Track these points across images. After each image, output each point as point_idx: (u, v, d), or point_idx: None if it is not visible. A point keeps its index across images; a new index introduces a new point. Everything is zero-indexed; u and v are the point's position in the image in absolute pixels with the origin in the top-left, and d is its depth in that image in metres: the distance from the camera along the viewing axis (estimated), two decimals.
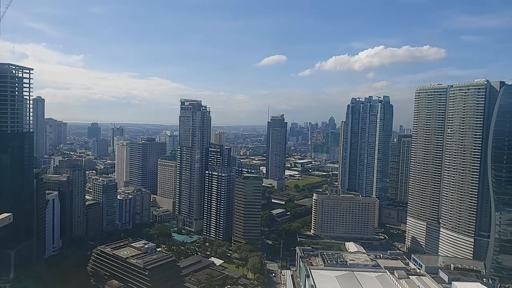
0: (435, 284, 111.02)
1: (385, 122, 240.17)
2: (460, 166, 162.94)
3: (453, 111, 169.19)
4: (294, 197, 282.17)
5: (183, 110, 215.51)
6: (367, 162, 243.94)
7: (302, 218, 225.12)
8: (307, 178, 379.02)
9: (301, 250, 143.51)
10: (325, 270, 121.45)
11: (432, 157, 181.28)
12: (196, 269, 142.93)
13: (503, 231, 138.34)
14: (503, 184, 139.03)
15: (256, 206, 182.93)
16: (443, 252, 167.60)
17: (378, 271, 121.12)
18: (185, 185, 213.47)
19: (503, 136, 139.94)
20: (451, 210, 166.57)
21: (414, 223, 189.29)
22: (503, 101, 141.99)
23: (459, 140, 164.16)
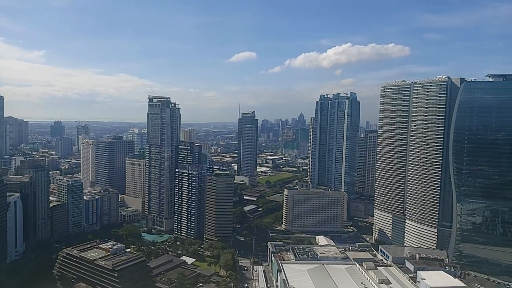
0: (402, 274, 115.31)
1: (352, 118, 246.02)
2: (424, 159, 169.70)
3: (416, 107, 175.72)
4: (265, 193, 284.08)
5: (151, 107, 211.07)
6: (335, 157, 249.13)
7: (274, 213, 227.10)
8: (278, 174, 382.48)
9: (273, 245, 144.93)
10: (297, 264, 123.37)
11: (397, 151, 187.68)
12: (167, 268, 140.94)
13: (464, 221, 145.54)
14: (464, 176, 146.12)
15: (227, 203, 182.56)
16: (408, 242, 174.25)
17: (347, 263, 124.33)
18: (154, 184, 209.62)
19: (463, 130, 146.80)
20: (416, 202, 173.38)
21: (381, 216, 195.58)
22: (463, 97, 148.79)
23: (422, 135, 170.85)
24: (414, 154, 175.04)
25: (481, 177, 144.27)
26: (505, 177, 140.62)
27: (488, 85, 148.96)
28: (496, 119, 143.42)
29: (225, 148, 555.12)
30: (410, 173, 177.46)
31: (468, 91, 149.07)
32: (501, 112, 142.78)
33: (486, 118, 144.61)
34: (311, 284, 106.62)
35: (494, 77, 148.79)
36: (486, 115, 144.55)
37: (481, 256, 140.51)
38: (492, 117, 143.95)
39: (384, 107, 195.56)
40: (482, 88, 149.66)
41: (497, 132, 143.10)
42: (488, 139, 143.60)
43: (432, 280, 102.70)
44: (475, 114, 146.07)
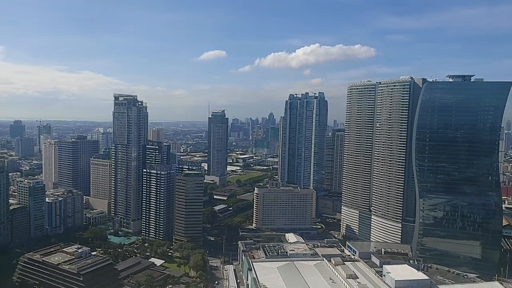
0: (368, 268, 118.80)
1: (320, 117, 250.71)
2: (388, 157, 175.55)
3: (381, 106, 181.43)
4: (236, 192, 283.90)
5: (117, 105, 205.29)
6: (304, 156, 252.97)
7: (244, 212, 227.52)
8: (248, 173, 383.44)
9: (243, 244, 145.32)
10: (267, 262, 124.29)
11: (363, 149, 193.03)
12: (135, 271, 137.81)
13: (426, 216, 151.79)
14: (426, 173, 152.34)
15: (197, 203, 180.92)
16: (374, 238, 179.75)
17: (316, 259, 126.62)
18: (121, 185, 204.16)
19: (425, 129, 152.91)
20: (381, 198, 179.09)
21: (348, 212, 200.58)
22: (425, 97, 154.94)
23: (387, 133, 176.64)
24: (379, 152, 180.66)
25: (441, 174, 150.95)
26: (463, 173, 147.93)
27: (448, 85, 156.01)
28: (456, 118, 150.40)
29: (194, 148, 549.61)
30: (376, 171, 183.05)
31: (430, 91, 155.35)
32: (460, 111, 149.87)
33: (446, 117, 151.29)
34: (281, 281, 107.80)
35: (454, 78, 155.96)
36: (446, 114, 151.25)
37: (442, 249, 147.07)
38: (452, 116, 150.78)
39: (351, 106, 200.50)
40: (443, 88, 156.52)
41: (457, 130, 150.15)
42: (448, 137, 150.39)
43: (397, 274, 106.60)
44: (436, 113, 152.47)
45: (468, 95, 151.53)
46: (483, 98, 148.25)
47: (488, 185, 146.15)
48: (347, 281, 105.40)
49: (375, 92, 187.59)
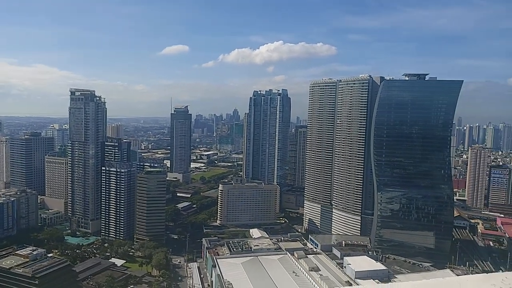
0: (330, 261, 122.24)
1: (284, 114, 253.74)
2: (348, 153, 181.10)
3: (341, 103, 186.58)
4: (200, 189, 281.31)
5: (73, 101, 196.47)
6: (268, 152, 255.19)
7: (209, 209, 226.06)
8: (213, 169, 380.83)
9: (208, 241, 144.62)
10: (231, 258, 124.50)
11: (324, 145, 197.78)
12: (94, 272, 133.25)
13: (384, 209, 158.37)
14: (383, 168, 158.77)
15: (160, 201, 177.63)
16: (335, 231, 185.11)
17: (280, 254, 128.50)
18: (78, 184, 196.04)
19: (383, 125, 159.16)
20: (341, 192, 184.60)
21: (311, 206, 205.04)
22: (383, 94, 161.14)
23: (347, 130, 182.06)
24: (340, 147, 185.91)
25: (398, 168, 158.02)
26: (418, 168, 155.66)
27: (405, 83, 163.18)
28: (411, 115, 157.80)
29: (156, 144, 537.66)
30: (336, 166, 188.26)
31: (387, 89, 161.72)
32: (415, 108, 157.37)
33: (402, 114, 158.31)
34: (245, 276, 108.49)
35: (409, 76, 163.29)
36: (402, 111, 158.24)
37: (398, 240, 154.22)
38: (407, 113, 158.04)
39: (313, 103, 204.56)
40: (399, 86, 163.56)
41: (412, 127, 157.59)
42: (404, 133, 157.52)
43: (357, 265, 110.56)
44: (393, 110, 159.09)
45: (422, 93, 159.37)
46: (436, 96, 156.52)
47: (441, 179, 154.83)
48: (309, 274, 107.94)
49: (335, 89, 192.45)
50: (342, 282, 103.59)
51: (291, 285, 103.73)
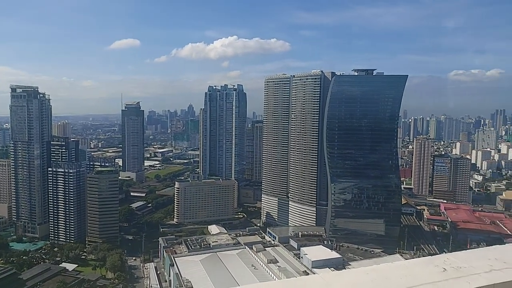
0: (287, 252, 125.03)
1: (240, 109, 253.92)
2: (303, 146, 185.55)
3: (295, 98, 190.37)
4: (155, 188, 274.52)
5: (15, 98, 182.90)
6: (225, 148, 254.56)
7: (165, 208, 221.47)
8: (168, 167, 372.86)
9: (164, 240, 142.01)
10: (190, 256, 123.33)
11: (280, 139, 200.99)
12: (44, 278, 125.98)
13: (337, 199, 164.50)
14: (336, 159, 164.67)
15: (112, 202, 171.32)
16: (292, 222, 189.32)
17: (239, 248, 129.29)
18: (23, 186, 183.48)
19: (334, 119, 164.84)
20: (297, 185, 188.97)
21: (268, 200, 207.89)
22: (334, 89, 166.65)
23: (301, 124, 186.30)
24: (295, 141, 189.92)
25: (349, 160, 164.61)
26: (367, 159, 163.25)
27: (354, 78, 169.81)
28: (360, 109, 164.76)
29: (107, 143, 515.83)
30: (292, 159, 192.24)
31: (338, 84, 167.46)
32: (364, 102, 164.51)
33: (352, 108, 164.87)
34: (204, 273, 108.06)
35: (358, 72, 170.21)
36: (352, 105, 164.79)
37: (351, 228, 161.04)
38: (357, 106, 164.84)
39: (268, 98, 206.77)
40: (349, 81, 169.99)
41: (361, 120, 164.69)
42: (354, 126, 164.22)
43: (313, 255, 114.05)
44: (343, 105, 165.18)
45: (370, 87, 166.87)
46: (383, 90, 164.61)
47: (389, 169, 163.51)
48: (268, 266, 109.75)
49: (289, 85, 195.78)
50: (299, 272, 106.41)
51: (250, 278, 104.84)
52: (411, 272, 5.02)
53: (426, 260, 5.33)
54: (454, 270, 4.92)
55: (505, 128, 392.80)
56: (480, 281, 4.69)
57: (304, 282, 5.13)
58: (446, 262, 5.12)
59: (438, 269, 4.97)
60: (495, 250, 5.80)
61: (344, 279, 5.00)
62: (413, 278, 4.75)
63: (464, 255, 5.51)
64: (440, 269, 4.97)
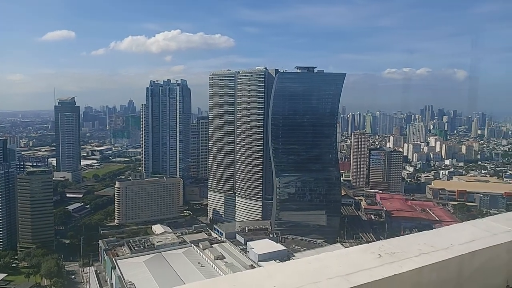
0: (234, 247, 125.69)
1: (184, 104, 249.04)
2: (249, 142, 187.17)
3: (241, 94, 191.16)
4: (93, 188, 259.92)
5: None
6: (169, 144, 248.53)
7: (105, 209, 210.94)
8: (107, 166, 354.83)
9: (105, 242, 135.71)
10: (133, 258, 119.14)
11: (226, 135, 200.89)
12: None
13: (282, 193, 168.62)
14: (280, 154, 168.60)
15: (46, 204, 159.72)
16: (239, 218, 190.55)
17: (185, 247, 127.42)
18: None
19: (278, 115, 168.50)
20: (243, 180, 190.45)
21: (215, 196, 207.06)
22: (277, 86, 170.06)
23: (247, 120, 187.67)
24: (241, 137, 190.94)
25: (293, 154, 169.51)
26: (309, 153, 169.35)
27: (296, 75, 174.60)
28: (303, 105, 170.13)
29: (39, 141, 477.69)
30: (238, 155, 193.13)
31: (281, 81, 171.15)
32: (306, 98, 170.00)
33: (295, 104, 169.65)
34: (149, 274, 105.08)
35: (300, 69, 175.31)
36: (295, 101, 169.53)
37: (295, 220, 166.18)
38: (299, 103, 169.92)
39: (213, 94, 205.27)
40: (292, 78, 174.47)
41: (304, 116, 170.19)
42: (297, 122, 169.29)
43: (259, 248, 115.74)
44: (287, 101, 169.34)
45: (312, 84, 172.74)
46: (323, 87, 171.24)
47: (329, 162, 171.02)
48: (214, 263, 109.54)
49: (234, 81, 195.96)
50: (246, 266, 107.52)
51: (196, 276, 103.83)
52: (350, 259, 5.26)
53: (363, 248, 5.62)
54: (388, 256, 5.23)
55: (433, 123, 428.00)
56: (410, 264, 5.04)
57: (248, 276, 5.15)
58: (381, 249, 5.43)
59: (374, 255, 5.26)
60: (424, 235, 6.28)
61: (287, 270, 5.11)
62: (352, 265, 4.97)
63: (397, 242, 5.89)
64: (376, 255, 5.26)
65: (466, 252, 5.54)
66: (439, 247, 5.54)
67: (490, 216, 8.12)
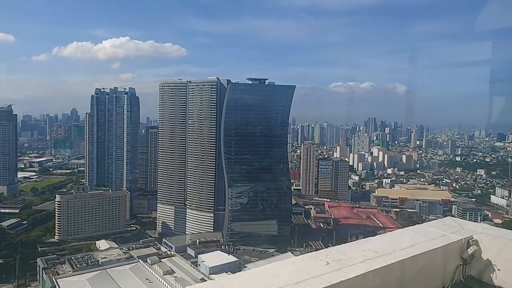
0: (184, 261, 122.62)
1: (132, 113, 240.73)
2: (200, 152, 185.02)
3: (192, 104, 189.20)
4: (31, 202, 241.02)
5: None
6: (116, 155, 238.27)
7: (44, 224, 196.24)
8: (47, 178, 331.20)
9: (44, 260, 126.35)
10: (75, 276, 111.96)
11: (177, 145, 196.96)
12: None
13: (234, 203, 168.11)
14: (233, 165, 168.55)
15: None
16: (190, 230, 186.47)
17: (132, 262, 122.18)
18: None
19: (231, 125, 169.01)
20: (195, 191, 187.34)
21: (164, 209, 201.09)
22: (230, 96, 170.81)
23: (199, 130, 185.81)
24: (192, 147, 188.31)
25: (245, 164, 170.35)
26: (261, 163, 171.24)
27: (248, 87, 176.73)
28: (255, 116, 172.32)
29: None
30: (190, 165, 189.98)
31: (234, 92, 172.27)
32: (257, 109, 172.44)
33: (247, 115, 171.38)
34: None
35: (252, 80, 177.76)
36: (247, 112, 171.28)
37: (247, 231, 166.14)
38: (251, 114, 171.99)
39: (163, 103, 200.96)
40: (244, 90, 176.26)
41: (255, 127, 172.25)
42: (250, 132, 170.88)
43: (210, 261, 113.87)
44: (239, 112, 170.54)
45: (263, 96, 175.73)
46: (274, 98, 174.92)
47: (280, 172, 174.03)
48: (164, 278, 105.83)
49: (186, 90, 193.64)
50: (197, 280, 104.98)
51: None
52: (299, 268, 5.34)
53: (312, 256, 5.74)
54: (335, 263, 5.38)
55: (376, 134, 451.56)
56: (356, 270, 5.23)
57: None
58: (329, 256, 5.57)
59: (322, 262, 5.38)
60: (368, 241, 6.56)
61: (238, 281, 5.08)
62: (301, 273, 5.04)
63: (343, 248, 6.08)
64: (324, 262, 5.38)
65: (407, 256, 5.86)
66: (382, 252, 5.81)
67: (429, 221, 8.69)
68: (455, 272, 6.51)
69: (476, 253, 6.63)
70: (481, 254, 6.65)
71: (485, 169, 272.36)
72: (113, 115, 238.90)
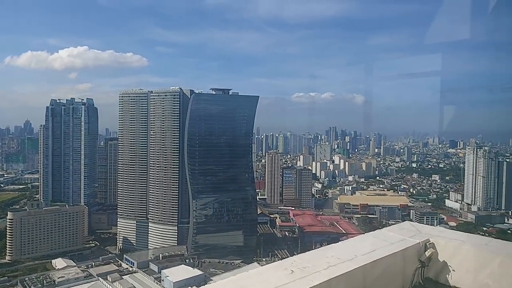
0: (147, 277, 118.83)
1: (90, 125, 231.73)
2: (163, 164, 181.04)
3: (154, 114, 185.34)
4: None
5: None
6: (73, 169, 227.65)
7: None
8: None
9: None
10: None
11: (138, 157, 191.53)
12: None
13: (199, 215, 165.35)
14: (197, 176, 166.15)
15: None
16: (152, 245, 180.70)
17: (91, 281, 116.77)
18: None
19: (195, 136, 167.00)
20: (157, 205, 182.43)
21: (125, 223, 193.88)
22: (193, 107, 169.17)
23: (161, 141, 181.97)
24: (154, 159, 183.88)
25: (210, 175, 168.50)
26: (226, 173, 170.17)
27: (212, 97, 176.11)
28: (219, 126, 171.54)
29: None
30: (152, 178, 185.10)
31: (197, 102, 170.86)
32: (221, 120, 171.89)
33: (211, 125, 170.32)
34: None
35: (216, 91, 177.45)
36: (211, 122, 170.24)
37: (213, 243, 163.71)
38: (215, 124, 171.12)
39: (123, 114, 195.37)
40: (207, 100, 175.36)
41: (220, 137, 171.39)
42: (214, 142, 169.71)
43: (174, 276, 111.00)
44: (203, 122, 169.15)
45: (227, 106, 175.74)
46: (238, 108, 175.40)
47: (245, 182, 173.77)
48: None
49: (147, 100, 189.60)
50: None
51: None
52: (264, 277, 5.31)
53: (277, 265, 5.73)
54: (300, 271, 5.40)
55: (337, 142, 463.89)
56: (320, 278, 5.28)
57: None
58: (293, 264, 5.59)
59: (287, 271, 5.39)
60: (332, 248, 6.66)
61: None
62: (266, 283, 5.01)
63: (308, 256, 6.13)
64: (288, 271, 5.39)
65: (368, 262, 6.00)
66: (344, 258, 5.91)
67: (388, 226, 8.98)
68: (414, 275, 6.74)
69: (433, 256, 6.91)
70: (437, 256, 6.94)
71: (439, 175, 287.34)
72: (69, 127, 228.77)
